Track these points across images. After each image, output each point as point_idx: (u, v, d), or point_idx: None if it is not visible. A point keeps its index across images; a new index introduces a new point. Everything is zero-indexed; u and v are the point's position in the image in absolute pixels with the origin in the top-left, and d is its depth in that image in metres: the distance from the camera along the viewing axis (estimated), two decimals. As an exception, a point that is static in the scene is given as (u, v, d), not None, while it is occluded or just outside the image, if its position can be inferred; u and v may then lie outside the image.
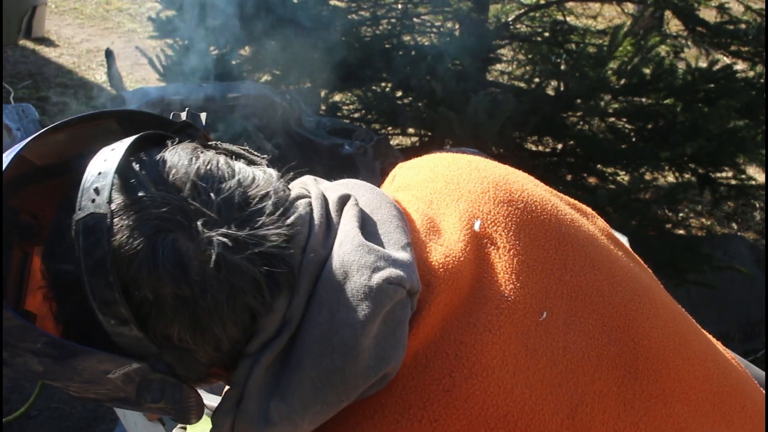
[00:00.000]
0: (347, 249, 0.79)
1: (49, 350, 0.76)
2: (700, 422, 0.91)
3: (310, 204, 0.83)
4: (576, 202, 1.01)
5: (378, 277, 0.77)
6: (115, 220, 0.75)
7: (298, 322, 0.78)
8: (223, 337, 0.77)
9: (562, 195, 1.00)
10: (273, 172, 0.85)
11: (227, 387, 0.82)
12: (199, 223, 0.75)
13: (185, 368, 0.80)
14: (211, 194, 0.76)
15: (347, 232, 0.81)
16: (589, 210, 1.02)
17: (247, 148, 0.87)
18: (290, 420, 0.76)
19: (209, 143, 0.86)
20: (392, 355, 0.76)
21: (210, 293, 0.75)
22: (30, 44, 6.46)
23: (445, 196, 0.91)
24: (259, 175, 0.82)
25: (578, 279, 0.89)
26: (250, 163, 0.85)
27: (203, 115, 0.90)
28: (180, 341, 0.77)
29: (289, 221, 0.80)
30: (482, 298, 0.83)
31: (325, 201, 0.85)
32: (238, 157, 0.85)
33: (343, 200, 0.85)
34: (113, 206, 0.75)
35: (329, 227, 0.83)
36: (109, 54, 5.13)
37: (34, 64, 6.20)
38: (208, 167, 0.79)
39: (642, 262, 1.01)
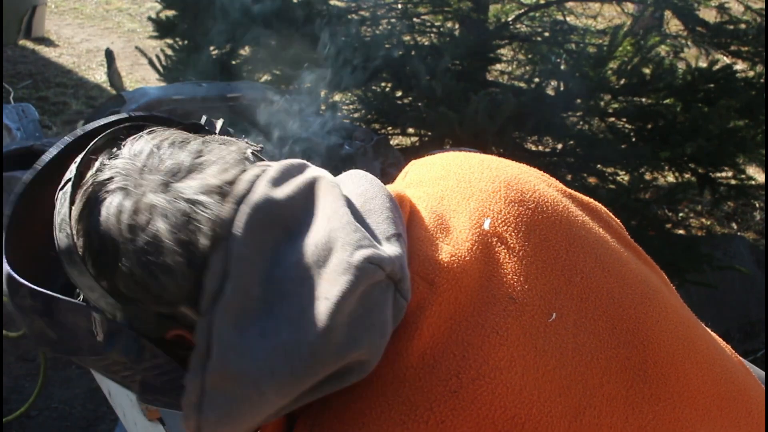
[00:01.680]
0: (335, 225, 0.78)
1: (36, 304, 0.81)
2: (707, 427, 0.91)
3: (264, 169, 0.82)
4: (590, 200, 1.00)
5: (359, 255, 0.76)
6: (82, 184, 0.82)
7: (263, 282, 0.77)
8: (162, 292, 0.78)
9: (574, 193, 0.99)
10: (244, 147, 0.86)
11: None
12: (142, 181, 0.79)
13: (141, 322, 0.82)
14: (165, 161, 0.81)
15: (336, 209, 0.80)
16: (603, 209, 1.01)
17: (232, 131, 0.91)
18: (256, 385, 0.74)
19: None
20: (364, 337, 0.75)
21: (137, 245, 0.77)
22: (30, 44, 6.45)
23: (456, 194, 0.91)
24: (223, 150, 0.83)
25: (588, 281, 0.89)
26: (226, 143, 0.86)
27: (219, 122, 0.95)
28: (127, 291, 0.80)
29: (226, 177, 0.80)
30: (490, 298, 0.83)
31: (290, 167, 0.83)
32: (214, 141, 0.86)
33: (303, 166, 0.85)
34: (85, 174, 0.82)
35: (288, 177, 0.81)
36: (109, 54, 5.14)
37: (34, 64, 6.20)
38: (169, 142, 0.83)
39: (654, 264, 1.01)
